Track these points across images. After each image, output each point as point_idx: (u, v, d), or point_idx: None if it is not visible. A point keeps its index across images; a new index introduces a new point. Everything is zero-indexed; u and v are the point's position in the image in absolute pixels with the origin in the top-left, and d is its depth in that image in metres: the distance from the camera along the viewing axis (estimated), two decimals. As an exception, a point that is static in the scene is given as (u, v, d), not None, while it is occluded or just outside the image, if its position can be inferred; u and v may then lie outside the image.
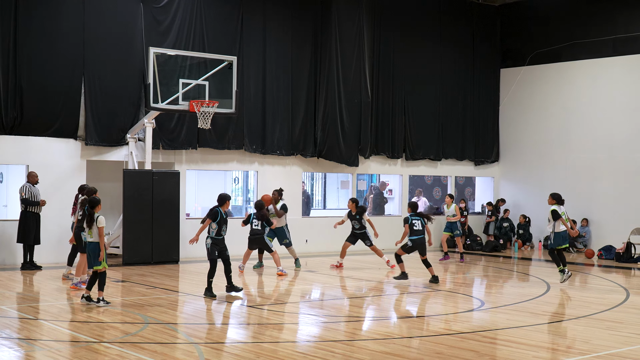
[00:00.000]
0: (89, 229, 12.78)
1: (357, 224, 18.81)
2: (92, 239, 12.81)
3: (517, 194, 27.11)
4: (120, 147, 19.93)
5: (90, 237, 12.82)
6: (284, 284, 16.40)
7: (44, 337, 10.55)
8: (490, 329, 11.84)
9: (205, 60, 19.19)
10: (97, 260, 12.75)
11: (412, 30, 25.50)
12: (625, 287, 16.99)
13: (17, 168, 20.06)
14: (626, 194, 24.10)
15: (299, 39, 22.80)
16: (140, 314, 12.32)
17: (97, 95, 19.54)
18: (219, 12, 21.34)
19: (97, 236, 12.73)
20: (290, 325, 12.07)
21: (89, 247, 12.90)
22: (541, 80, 26.50)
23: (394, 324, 12.42)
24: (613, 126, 24.58)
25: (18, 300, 13.98)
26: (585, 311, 13.41)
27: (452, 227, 21.29)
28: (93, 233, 12.77)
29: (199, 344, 10.26)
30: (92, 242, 12.81)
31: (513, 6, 27.30)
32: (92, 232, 12.77)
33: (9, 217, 19.71)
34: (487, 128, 27.47)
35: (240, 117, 21.26)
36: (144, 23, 20.08)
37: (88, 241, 12.89)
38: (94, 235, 12.78)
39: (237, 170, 24.23)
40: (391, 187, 27.45)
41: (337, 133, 23.18)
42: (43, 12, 18.79)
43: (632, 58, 24.22)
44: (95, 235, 12.76)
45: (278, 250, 18.11)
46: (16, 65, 18.47)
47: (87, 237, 12.90)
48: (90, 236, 12.81)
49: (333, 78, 23.05)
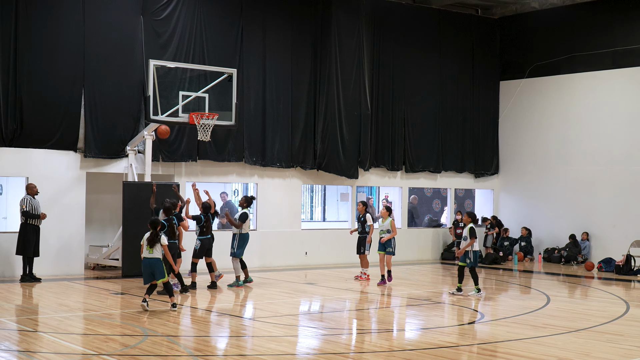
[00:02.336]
0: (151, 247, 13.73)
1: (361, 227, 18.83)
2: (152, 255, 13.72)
3: (516, 207, 27.10)
4: (120, 160, 19.94)
5: (151, 253, 13.71)
6: (283, 297, 16.35)
7: (43, 350, 10.52)
8: (490, 342, 11.82)
9: (205, 72, 19.22)
10: (162, 273, 13.74)
11: (412, 42, 25.56)
12: (625, 299, 16.96)
13: (17, 180, 20.05)
14: (626, 206, 24.10)
15: (299, 51, 22.85)
16: (139, 326, 12.29)
17: (97, 108, 19.57)
18: (219, 25, 21.39)
19: (159, 253, 13.75)
20: (289, 337, 12.04)
21: (149, 262, 13.76)
22: (541, 92, 26.54)
23: (394, 337, 12.39)
24: (613, 139, 24.60)
25: (17, 312, 13.95)
26: (586, 324, 13.38)
27: (386, 244, 18.38)
28: (155, 250, 13.74)
29: (198, 356, 10.24)
30: (152, 258, 13.73)
31: (512, 19, 27.37)
32: (153, 249, 13.73)
33: (8, 229, 19.70)
34: (487, 140, 27.49)
35: (240, 129, 21.28)
36: (144, 35, 20.13)
37: (147, 257, 13.76)
38: (156, 252, 13.73)
39: (236, 183, 24.24)
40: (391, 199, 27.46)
41: (336, 145, 23.19)
42: (43, 24, 18.83)
43: (631, 71, 24.26)
44: (157, 252, 13.74)
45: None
46: (16, 77, 18.51)
47: (148, 254, 13.77)
48: (151, 252, 13.71)
49: (333, 90, 23.08)
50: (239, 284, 17.25)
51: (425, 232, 26.40)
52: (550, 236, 25.93)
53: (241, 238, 17.31)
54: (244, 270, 17.67)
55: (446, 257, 25.80)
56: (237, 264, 17.29)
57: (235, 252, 17.25)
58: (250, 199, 17.79)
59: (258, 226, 22.26)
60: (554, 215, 25.89)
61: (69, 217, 19.24)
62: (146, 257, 13.75)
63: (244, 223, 17.25)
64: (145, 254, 13.76)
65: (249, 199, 17.72)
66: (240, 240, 17.30)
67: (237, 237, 17.28)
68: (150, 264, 13.74)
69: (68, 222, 19.22)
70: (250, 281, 17.71)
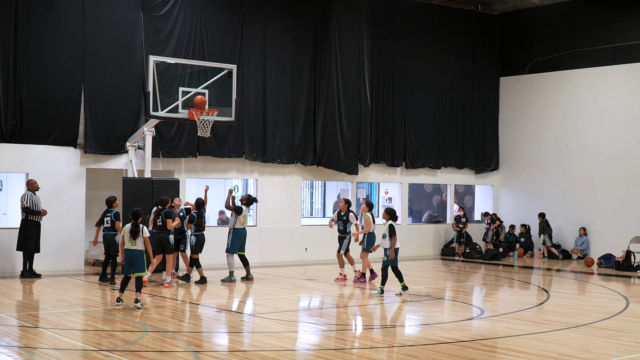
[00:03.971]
0: (134, 239, 13.66)
1: (342, 225, 18.02)
2: (135, 247, 13.67)
3: (516, 203, 27.10)
4: (119, 155, 19.93)
5: (133, 245, 13.67)
6: (283, 293, 16.36)
7: (43, 346, 10.53)
8: (490, 338, 11.83)
9: (205, 68, 19.20)
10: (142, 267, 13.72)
11: (412, 38, 25.54)
12: (625, 295, 16.97)
13: (17, 176, 20.06)
14: (626, 202, 24.10)
15: (299, 47, 22.83)
16: (139, 322, 12.30)
17: (97, 103, 19.56)
18: (219, 21, 21.38)
19: (142, 244, 13.70)
20: (290, 333, 12.05)
21: (131, 253, 13.70)
22: (540, 88, 26.53)
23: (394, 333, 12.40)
24: (612, 135, 24.59)
25: (17, 308, 13.96)
26: (585, 320, 13.39)
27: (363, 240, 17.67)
28: (138, 242, 13.66)
29: (198, 352, 10.25)
30: (136, 250, 13.67)
31: (512, 15, 27.35)
32: (136, 241, 13.66)
33: (8, 225, 19.70)
34: (487, 136, 27.49)
35: (240, 125, 21.28)
36: (144, 31, 20.11)
37: (131, 249, 13.69)
38: (139, 244, 13.67)
39: (236, 179, 24.23)
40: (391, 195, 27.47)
41: (336, 141, 23.19)
42: (43, 21, 18.82)
43: (631, 67, 24.24)
44: (140, 244, 13.67)
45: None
46: (16, 73, 18.50)
47: (130, 245, 13.71)
48: (134, 244, 13.66)
49: (333, 86, 23.07)
50: (232, 279, 17.30)
51: (425, 228, 26.41)
52: (550, 232, 25.94)
53: (235, 233, 17.36)
54: (245, 268, 17.78)
55: (446, 253, 25.83)
56: (231, 260, 17.36)
57: (229, 248, 17.34)
58: (252, 199, 17.92)
59: (258, 222, 22.27)
60: (554, 211, 25.87)
61: (69, 213, 19.24)
62: (128, 249, 13.74)
63: (239, 216, 17.34)
64: (127, 245, 13.73)
65: (251, 199, 17.84)
66: (235, 236, 17.34)
67: (231, 233, 17.38)
68: (131, 255, 13.70)
69: (68, 218, 19.22)
70: (250, 279, 17.77)
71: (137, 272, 13.72)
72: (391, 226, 15.46)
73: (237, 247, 17.39)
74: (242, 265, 17.79)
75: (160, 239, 16.37)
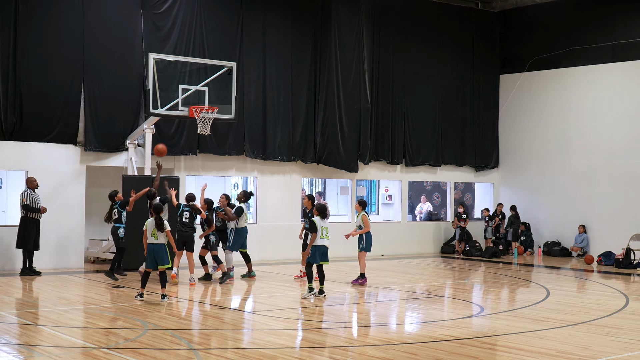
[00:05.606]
0: (161, 231, 13.85)
1: (308, 223, 16.77)
2: (157, 240, 13.87)
3: (516, 200, 27.07)
4: (119, 153, 19.93)
5: (156, 239, 13.85)
6: (282, 290, 16.37)
7: (43, 343, 10.54)
8: (490, 335, 11.83)
9: (205, 66, 19.20)
10: (166, 260, 13.91)
11: (412, 36, 25.53)
12: (624, 293, 16.99)
13: (17, 174, 20.05)
14: (625, 199, 24.11)
15: (299, 44, 22.82)
16: (139, 319, 12.30)
17: (97, 101, 19.55)
18: (219, 18, 21.36)
19: (164, 238, 13.91)
20: (289, 331, 12.05)
21: (154, 247, 13.89)
22: (540, 86, 26.52)
23: (393, 330, 12.40)
24: (612, 132, 24.60)
25: (17, 306, 13.96)
26: (585, 317, 13.40)
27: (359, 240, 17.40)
28: (160, 236, 13.86)
29: (198, 349, 10.25)
30: (158, 244, 13.87)
31: (512, 12, 27.33)
32: (158, 235, 13.86)
33: (8, 222, 19.69)
34: (487, 134, 27.48)
35: (240, 123, 21.28)
36: (143, 29, 20.09)
37: (153, 243, 13.89)
38: (161, 238, 13.87)
39: (236, 176, 24.22)
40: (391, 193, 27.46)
41: (336, 139, 23.18)
42: (43, 18, 18.81)
43: (631, 64, 24.24)
44: (162, 237, 13.87)
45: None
46: (16, 71, 18.48)
47: (153, 239, 13.90)
48: (156, 238, 13.85)
49: (333, 84, 23.07)
50: (231, 276, 17.30)
51: (425, 226, 26.42)
52: (550, 230, 25.95)
53: (237, 232, 17.37)
54: (247, 265, 17.84)
55: (446, 250, 25.84)
56: (229, 256, 17.39)
57: (230, 246, 17.35)
58: (248, 194, 17.85)
59: (258, 220, 22.28)
60: (554, 208, 25.90)
61: (69, 210, 19.24)
62: (150, 243, 13.91)
63: (240, 217, 17.32)
64: (149, 239, 13.91)
65: (247, 194, 17.78)
66: (237, 234, 17.36)
67: (233, 232, 17.38)
68: (154, 249, 13.87)
69: (68, 216, 19.22)
70: (253, 276, 17.82)
71: (161, 265, 13.89)
72: (312, 222, 14.82)
73: (238, 245, 17.42)
74: (244, 263, 17.82)
75: (184, 237, 16.42)
